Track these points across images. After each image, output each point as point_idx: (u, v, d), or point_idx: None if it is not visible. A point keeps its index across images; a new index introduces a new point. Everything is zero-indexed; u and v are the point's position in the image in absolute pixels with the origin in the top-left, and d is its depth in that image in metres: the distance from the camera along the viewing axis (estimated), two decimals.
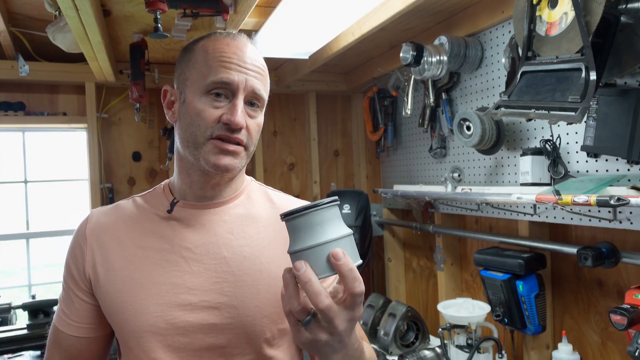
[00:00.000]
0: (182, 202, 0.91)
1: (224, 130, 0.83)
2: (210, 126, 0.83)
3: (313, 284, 0.63)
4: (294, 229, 0.67)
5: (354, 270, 0.64)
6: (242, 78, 0.83)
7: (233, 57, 0.84)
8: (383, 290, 2.75)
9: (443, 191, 1.92)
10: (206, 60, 0.85)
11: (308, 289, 0.63)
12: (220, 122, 0.83)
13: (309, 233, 0.66)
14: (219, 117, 0.83)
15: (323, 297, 0.63)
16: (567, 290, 1.66)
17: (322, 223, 0.66)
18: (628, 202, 1.17)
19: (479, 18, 1.76)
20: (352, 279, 0.64)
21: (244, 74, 0.84)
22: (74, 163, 2.70)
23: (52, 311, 2.14)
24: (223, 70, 0.83)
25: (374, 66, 2.52)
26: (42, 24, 1.89)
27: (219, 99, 0.84)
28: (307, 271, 0.64)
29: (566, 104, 1.16)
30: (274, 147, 2.96)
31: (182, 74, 0.89)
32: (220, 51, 0.85)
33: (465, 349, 1.76)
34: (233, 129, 0.83)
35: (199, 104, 0.84)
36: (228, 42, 0.86)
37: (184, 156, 0.89)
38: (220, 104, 0.84)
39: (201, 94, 0.84)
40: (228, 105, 0.84)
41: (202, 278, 0.85)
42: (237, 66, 0.84)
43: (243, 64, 0.84)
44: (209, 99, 0.84)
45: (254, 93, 0.85)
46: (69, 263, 0.91)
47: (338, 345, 0.68)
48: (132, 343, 0.85)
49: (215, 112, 0.83)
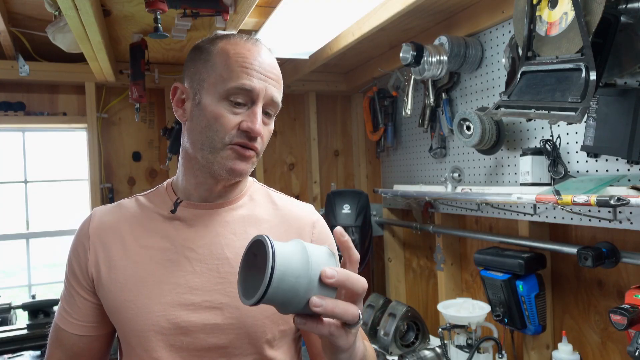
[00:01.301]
0: (186, 202, 0.91)
1: (243, 137, 0.83)
2: (229, 132, 0.83)
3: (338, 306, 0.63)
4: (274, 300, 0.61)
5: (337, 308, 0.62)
6: (262, 85, 0.83)
7: (255, 64, 0.84)
8: (383, 290, 2.76)
9: (443, 191, 1.92)
10: (227, 64, 0.84)
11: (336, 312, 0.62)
12: (239, 129, 0.83)
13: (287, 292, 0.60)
14: (238, 124, 0.83)
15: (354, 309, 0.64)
16: (567, 290, 1.66)
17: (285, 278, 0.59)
18: (628, 202, 1.17)
19: (479, 18, 1.76)
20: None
21: (264, 81, 0.84)
22: (74, 163, 2.70)
23: (52, 311, 2.14)
24: (245, 77, 0.82)
25: (374, 66, 2.52)
26: (42, 24, 1.89)
27: (239, 106, 0.84)
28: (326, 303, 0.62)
29: (566, 104, 1.16)
30: (274, 147, 2.96)
31: (197, 74, 0.87)
32: (242, 56, 0.84)
33: (465, 349, 1.76)
34: (252, 137, 0.83)
35: (218, 108, 0.83)
36: (249, 47, 0.86)
37: (193, 157, 0.88)
38: (239, 110, 0.83)
39: (220, 97, 0.83)
40: (247, 112, 0.83)
41: (204, 278, 0.86)
42: (259, 73, 0.84)
43: (264, 71, 0.84)
44: (228, 104, 0.83)
45: (272, 101, 0.86)
46: (72, 261, 0.91)
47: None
48: (134, 342, 0.85)
49: (234, 119, 0.83)
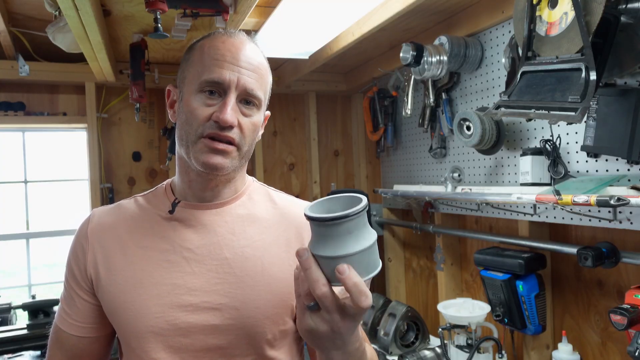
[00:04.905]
0: (184, 202, 0.91)
1: (214, 128, 0.82)
2: (202, 124, 0.83)
3: (312, 272, 0.63)
4: (318, 233, 0.65)
5: (358, 285, 0.62)
6: (233, 76, 0.83)
7: (226, 55, 0.84)
8: (383, 290, 2.75)
9: (443, 191, 1.92)
10: (201, 59, 0.85)
11: (308, 275, 0.63)
12: (211, 120, 0.83)
13: (329, 243, 0.63)
14: (210, 115, 0.83)
15: (320, 285, 0.63)
16: (567, 290, 1.66)
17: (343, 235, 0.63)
18: (628, 202, 1.17)
19: (479, 18, 1.76)
20: (358, 293, 0.62)
21: (236, 72, 0.83)
22: (74, 163, 2.70)
23: (52, 311, 2.14)
24: (215, 69, 0.83)
25: (374, 66, 2.52)
26: (42, 24, 1.89)
27: (212, 97, 0.84)
28: (309, 259, 0.64)
29: (566, 104, 1.16)
30: (274, 147, 2.96)
31: (181, 73, 0.89)
32: (215, 49, 0.85)
33: (465, 349, 1.76)
34: (222, 126, 0.82)
35: (193, 102, 0.84)
36: (224, 39, 0.86)
37: (181, 155, 0.89)
38: (213, 102, 0.83)
39: (195, 92, 0.84)
40: (219, 104, 0.83)
41: (203, 279, 0.85)
42: (230, 64, 0.83)
43: (236, 61, 0.84)
44: (202, 97, 0.84)
45: (247, 91, 0.85)
46: (71, 263, 0.91)
47: (339, 342, 0.67)
48: (134, 343, 0.85)
49: (207, 110, 0.83)
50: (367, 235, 0.65)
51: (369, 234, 0.65)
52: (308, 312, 0.66)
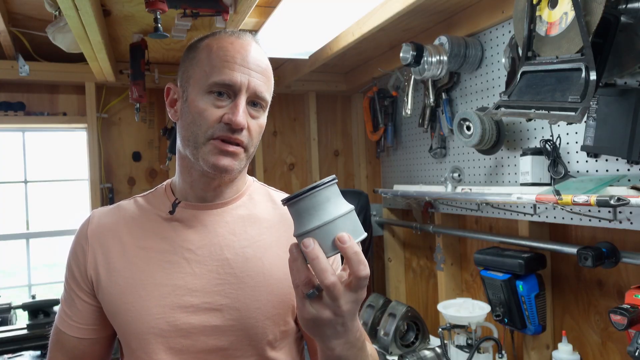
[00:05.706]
0: (184, 202, 0.90)
1: (225, 130, 0.82)
2: (212, 126, 0.82)
3: (320, 261, 0.63)
4: (297, 212, 0.68)
5: (359, 254, 0.64)
6: (244, 79, 0.82)
7: (237, 57, 0.83)
8: (383, 290, 2.75)
9: (443, 191, 1.92)
10: (209, 59, 0.84)
11: (315, 265, 0.63)
12: (221, 122, 0.82)
13: (312, 214, 0.66)
14: (221, 117, 0.82)
15: (329, 274, 0.63)
16: (567, 290, 1.66)
17: (323, 203, 0.67)
18: (628, 202, 1.17)
19: (479, 18, 1.76)
20: (357, 262, 0.64)
21: (246, 74, 0.83)
22: (74, 163, 2.70)
23: (52, 311, 2.14)
24: (226, 71, 0.82)
25: (374, 66, 2.52)
26: (42, 24, 1.89)
27: (221, 99, 0.83)
28: (315, 248, 0.64)
29: (566, 104, 1.16)
30: (274, 147, 2.96)
31: (185, 72, 0.88)
32: (224, 50, 0.84)
33: (465, 349, 1.76)
34: (234, 129, 0.82)
35: (201, 103, 0.83)
36: (232, 40, 0.85)
37: (184, 156, 0.88)
38: (222, 104, 0.83)
39: (203, 93, 0.83)
40: (230, 105, 0.83)
41: (204, 280, 0.85)
42: (240, 66, 0.83)
43: (246, 64, 0.83)
44: (211, 99, 0.83)
45: (257, 94, 0.84)
46: (71, 264, 0.91)
47: (340, 329, 0.67)
48: (135, 345, 0.84)
49: (217, 112, 0.82)
50: (346, 203, 0.69)
51: (346, 203, 0.69)
52: (308, 301, 0.66)
